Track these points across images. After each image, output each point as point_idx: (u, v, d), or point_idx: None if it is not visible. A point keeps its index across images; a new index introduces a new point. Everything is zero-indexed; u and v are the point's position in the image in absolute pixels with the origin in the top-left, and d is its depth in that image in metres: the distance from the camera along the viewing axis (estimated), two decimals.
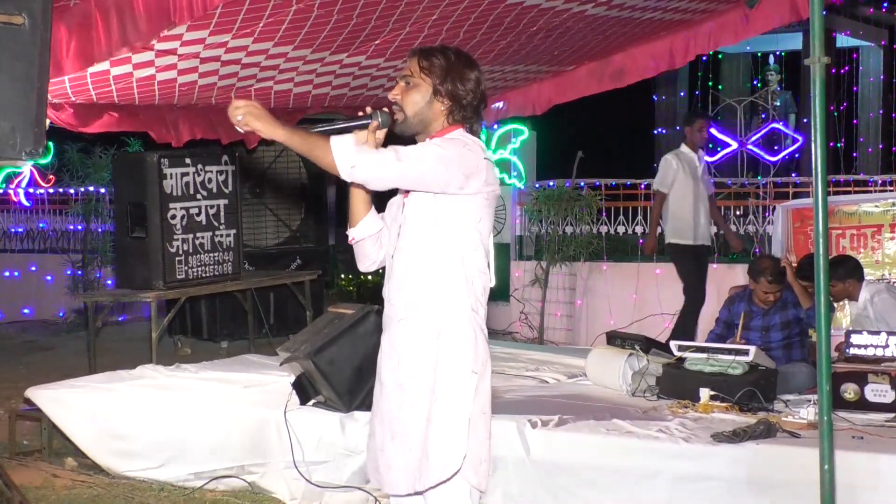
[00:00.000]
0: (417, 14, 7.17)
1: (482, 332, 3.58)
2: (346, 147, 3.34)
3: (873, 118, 16.16)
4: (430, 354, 3.51)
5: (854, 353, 6.17)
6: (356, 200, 3.66)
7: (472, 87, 3.57)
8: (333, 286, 12.74)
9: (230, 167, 8.95)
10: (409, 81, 3.55)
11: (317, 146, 3.34)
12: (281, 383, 6.49)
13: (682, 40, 8.80)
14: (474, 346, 3.53)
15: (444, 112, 3.57)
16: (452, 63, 3.55)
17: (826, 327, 3.27)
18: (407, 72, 3.57)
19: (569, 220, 11.25)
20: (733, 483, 5.00)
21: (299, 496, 5.86)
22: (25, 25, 4.16)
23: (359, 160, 3.33)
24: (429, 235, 3.52)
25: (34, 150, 4.24)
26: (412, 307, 3.54)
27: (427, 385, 3.50)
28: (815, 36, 3.24)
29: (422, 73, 3.54)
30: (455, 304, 3.53)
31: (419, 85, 3.54)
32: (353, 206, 3.67)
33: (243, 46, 7.12)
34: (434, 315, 3.52)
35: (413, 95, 3.54)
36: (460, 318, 3.53)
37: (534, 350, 8.54)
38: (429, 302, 3.53)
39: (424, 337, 3.53)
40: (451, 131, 3.58)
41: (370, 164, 3.35)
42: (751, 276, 6.93)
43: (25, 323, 13.41)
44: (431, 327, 3.52)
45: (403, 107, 3.55)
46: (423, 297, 3.53)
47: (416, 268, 3.54)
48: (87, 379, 7.16)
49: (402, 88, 3.56)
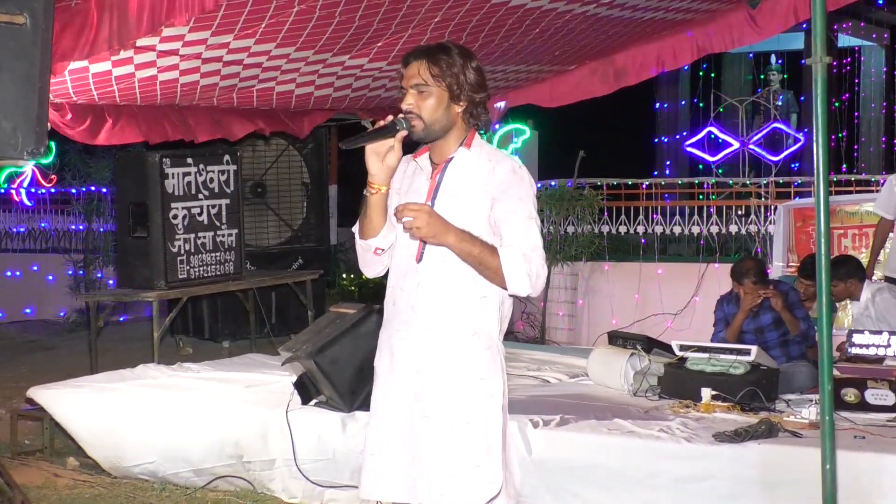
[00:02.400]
0: (420, 16, 7.17)
1: (504, 357, 3.58)
2: (515, 261, 3.38)
3: (874, 117, 16.17)
4: (460, 375, 3.47)
5: (856, 353, 6.17)
6: (377, 208, 3.52)
7: (480, 82, 3.52)
8: (335, 286, 12.75)
9: (232, 167, 8.95)
10: (423, 90, 3.46)
11: (485, 261, 3.39)
12: (282, 383, 6.49)
13: (685, 41, 8.79)
14: (502, 371, 3.53)
15: (461, 115, 3.51)
16: (461, 63, 3.48)
17: (827, 327, 3.27)
18: (418, 79, 3.47)
19: (570, 220, 11.26)
20: (735, 483, 4.99)
21: (300, 495, 5.87)
22: (27, 25, 4.15)
23: (531, 275, 3.40)
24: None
25: (36, 150, 4.24)
26: (441, 320, 3.48)
27: (460, 410, 3.46)
28: (816, 36, 3.24)
29: (435, 80, 3.45)
30: (488, 327, 3.50)
31: (434, 92, 3.46)
32: (373, 214, 3.53)
33: (245, 47, 7.12)
34: (467, 333, 3.48)
35: (429, 102, 3.46)
36: (492, 343, 3.51)
37: (536, 350, 8.54)
38: (461, 320, 3.48)
39: (454, 353, 3.47)
40: (475, 137, 3.55)
41: (542, 274, 3.44)
42: (734, 278, 6.92)
43: (27, 323, 13.42)
44: (464, 345, 3.48)
45: (421, 115, 3.45)
46: (457, 313, 3.47)
47: (455, 283, 3.47)
48: (88, 378, 7.17)
49: (416, 97, 3.46)
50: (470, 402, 3.47)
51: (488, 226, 3.47)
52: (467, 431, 3.46)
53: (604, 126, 16.39)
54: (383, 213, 3.55)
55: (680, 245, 11.58)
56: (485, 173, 3.48)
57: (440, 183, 3.53)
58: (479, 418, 3.47)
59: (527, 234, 3.46)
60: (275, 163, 10.90)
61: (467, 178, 3.50)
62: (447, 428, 3.46)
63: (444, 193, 3.51)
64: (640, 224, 11.35)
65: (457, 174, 3.52)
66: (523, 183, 3.50)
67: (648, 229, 11.26)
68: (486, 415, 3.48)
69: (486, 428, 3.48)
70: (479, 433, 3.47)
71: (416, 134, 3.48)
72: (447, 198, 3.49)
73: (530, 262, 3.40)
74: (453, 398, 3.47)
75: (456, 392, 3.47)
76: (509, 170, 3.49)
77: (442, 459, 3.47)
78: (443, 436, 3.47)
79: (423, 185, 3.56)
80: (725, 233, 10.92)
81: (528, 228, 3.47)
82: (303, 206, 11.14)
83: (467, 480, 3.45)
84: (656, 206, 11.44)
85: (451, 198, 3.49)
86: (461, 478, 3.45)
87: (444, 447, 3.47)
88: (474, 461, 3.46)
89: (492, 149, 3.60)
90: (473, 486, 3.45)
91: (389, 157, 3.45)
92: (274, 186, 10.92)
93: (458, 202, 3.47)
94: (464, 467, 3.45)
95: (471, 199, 3.48)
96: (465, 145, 3.53)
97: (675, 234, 11.24)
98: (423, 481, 3.50)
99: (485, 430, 3.47)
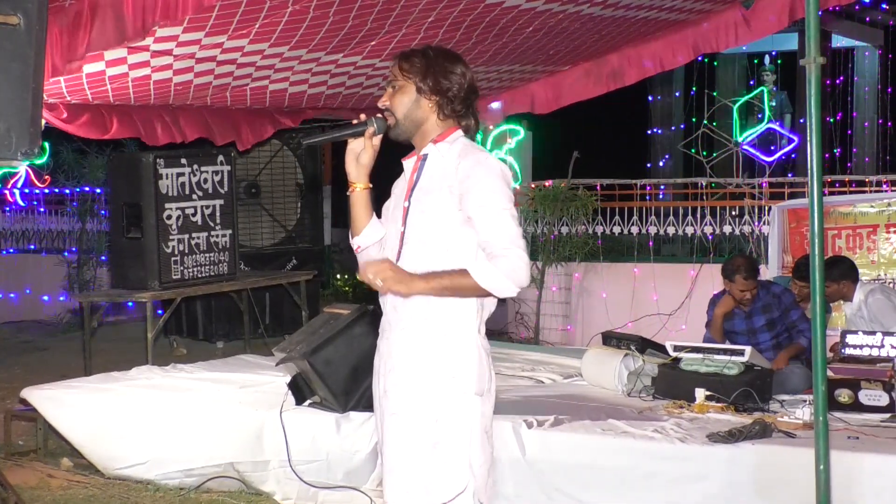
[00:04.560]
0: (413, 16, 7.17)
1: (486, 352, 3.53)
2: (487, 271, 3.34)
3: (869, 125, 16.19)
4: (430, 372, 3.46)
5: (850, 354, 6.18)
6: (358, 208, 3.61)
7: (456, 80, 3.54)
8: (329, 286, 12.76)
9: (226, 167, 8.95)
10: (395, 85, 3.56)
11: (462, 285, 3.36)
12: (277, 383, 6.49)
13: (680, 41, 8.80)
14: (478, 367, 3.49)
15: (432, 109, 3.54)
16: (432, 59, 3.55)
17: (821, 327, 3.27)
18: (392, 76, 3.59)
19: (564, 221, 11.26)
20: (729, 483, 5.00)
21: (294, 496, 5.87)
22: (21, 25, 4.15)
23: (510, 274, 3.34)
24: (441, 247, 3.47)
25: (30, 151, 4.23)
26: (419, 319, 3.47)
27: (429, 408, 3.45)
28: (810, 37, 3.24)
29: (404, 75, 3.54)
30: (464, 323, 3.48)
31: (404, 86, 3.54)
32: (355, 213, 3.63)
33: (239, 47, 7.12)
34: (441, 331, 3.47)
35: (400, 98, 3.54)
36: (468, 339, 3.48)
37: (529, 350, 8.54)
38: (437, 317, 3.46)
39: (425, 351, 3.46)
40: (451, 134, 3.56)
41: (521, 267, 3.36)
42: (725, 276, 6.92)
43: (21, 323, 13.40)
44: (435, 343, 3.46)
45: (394, 111, 3.55)
46: (432, 310, 3.46)
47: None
48: (82, 380, 7.17)
49: (390, 94, 3.57)
50: (439, 400, 3.45)
51: (461, 221, 3.44)
52: (435, 429, 3.44)
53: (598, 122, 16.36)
54: (365, 212, 3.62)
55: (674, 245, 11.59)
56: (451, 169, 3.49)
57: (417, 180, 3.56)
58: (448, 416, 3.44)
59: (500, 227, 3.39)
60: (269, 163, 10.89)
61: (437, 174, 3.52)
62: (411, 424, 3.46)
63: (419, 190, 3.53)
64: (634, 225, 11.35)
65: (429, 170, 3.55)
66: (491, 174, 3.43)
67: (642, 230, 11.26)
68: (456, 413, 3.45)
69: (456, 426, 3.45)
70: (448, 431, 3.44)
71: (392, 131, 3.54)
72: (421, 195, 3.52)
73: (505, 260, 3.35)
74: (421, 395, 3.46)
75: (425, 389, 3.46)
76: (473, 163, 3.45)
77: (405, 456, 3.48)
78: (407, 433, 3.47)
79: (404, 182, 3.61)
80: (719, 233, 10.93)
81: (500, 221, 3.39)
82: (297, 206, 11.12)
83: (430, 478, 3.44)
84: (650, 207, 11.44)
85: (424, 195, 3.51)
86: (425, 475, 3.44)
87: (407, 444, 3.47)
88: (440, 458, 3.44)
89: (469, 146, 3.57)
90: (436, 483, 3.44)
91: (363, 157, 3.56)
92: (268, 187, 10.91)
93: (429, 199, 3.49)
94: (427, 464, 3.44)
95: (439, 195, 3.48)
96: (434, 141, 3.56)
97: (669, 234, 11.24)
98: (390, 480, 3.53)
99: (454, 429, 3.45)
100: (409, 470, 3.47)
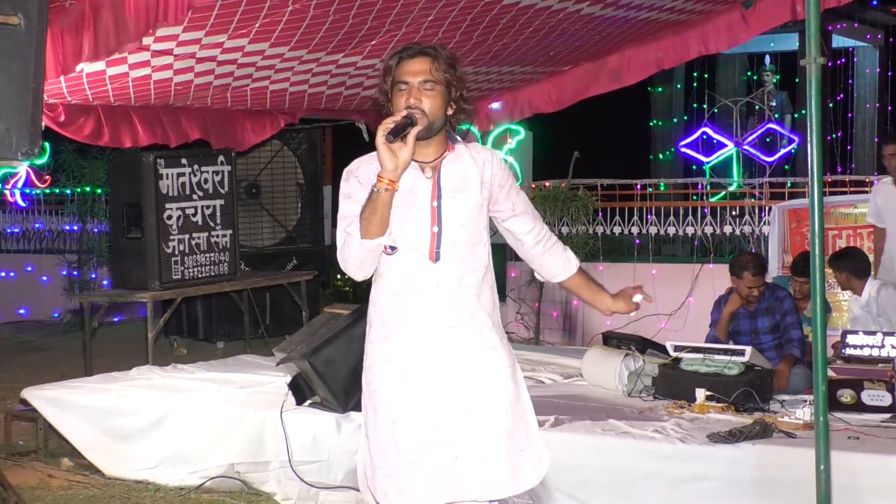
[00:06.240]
0: (413, 15, 7.17)
1: None
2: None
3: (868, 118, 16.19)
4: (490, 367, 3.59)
5: (850, 354, 6.18)
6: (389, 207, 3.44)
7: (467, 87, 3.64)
8: (329, 286, 12.75)
9: (226, 167, 8.95)
10: (431, 87, 3.50)
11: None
12: (277, 384, 6.50)
13: (680, 42, 8.79)
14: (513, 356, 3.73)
15: (450, 117, 3.58)
16: (458, 67, 3.58)
17: (822, 328, 3.28)
18: (427, 76, 3.49)
19: (565, 221, 11.26)
20: (729, 483, 5.00)
21: (294, 496, 5.86)
22: (21, 26, 4.15)
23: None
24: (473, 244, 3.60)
25: (30, 151, 4.24)
26: (467, 315, 3.58)
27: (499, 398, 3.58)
28: (810, 37, 3.25)
29: (442, 80, 3.51)
30: (496, 312, 3.69)
31: (440, 91, 3.52)
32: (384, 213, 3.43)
33: (239, 47, 7.12)
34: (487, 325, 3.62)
35: (435, 101, 3.50)
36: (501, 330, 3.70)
37: (530, 350, 8.54)
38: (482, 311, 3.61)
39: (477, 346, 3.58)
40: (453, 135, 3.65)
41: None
42: (733, 273, 6.93)
43: (21, 323, 13.40)
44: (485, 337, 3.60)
45: (426, 112, 3.47)
46: (478, 306, 3.60)
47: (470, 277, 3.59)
48: (82, 380, 7.17)
49: (423, 93, 3.49)
50: (504, 391, 3.60)
51: (485, 214, 3.64)
52: (506, 420, 3.57)
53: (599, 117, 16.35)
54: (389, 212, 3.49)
55: (674, 246, 11.58)
56: (478, 167, 3.61)
57: (440, 182, 3.58)
58: (515, 404, 3.61)
59: (538, 216, 3.82)
60: (269, 163, 10.89)
61: (463, 175, 3.59)
62: (486, 420, 3.55)
63: (446, 192, 3.57)
64: (635, 225, 11.34)
65: (452, 172, 3.59)
66: (510, 171, 3.73)
67: (643, 230, 11.26)
68: (519, 399, 3.64)
69: (524, 412, 3.64)
70: (518, 418, 3.61)
71: (419, 131, 3.45)
72: (450, 195, 3.58)
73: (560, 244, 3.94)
74: (488, 390, 3.57)
75: (489, 384, 3.58)
76: (499, 161, 3.68)
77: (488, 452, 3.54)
78: (485, 429, 3.55)
79: (421, 184, 3.56)
80: (720, 233, 10.93)
81: (536, 212, 3.82)
82: (297, 206, 11.12)
83: (517, 466, 3.57)
84: (650, 207, 11.44)
85: (455, 194, 3.58)
86: (511, 465, 3.56)
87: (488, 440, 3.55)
88: (519, 446, 3.59)
89: (476, 144, 3.75)
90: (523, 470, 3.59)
91: (403, 152, 3.40)
92: (268, 187, 10.91)
93: (463, 197, 3.57)
94: (511, 454, 3.56)
95: (471, 193, 3.59)
96: (450, 145, 3.62)
97: (669, 234, 11.24)
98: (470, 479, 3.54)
99: (522, 414, 3.63)
100: (491, 464, 3.55)
